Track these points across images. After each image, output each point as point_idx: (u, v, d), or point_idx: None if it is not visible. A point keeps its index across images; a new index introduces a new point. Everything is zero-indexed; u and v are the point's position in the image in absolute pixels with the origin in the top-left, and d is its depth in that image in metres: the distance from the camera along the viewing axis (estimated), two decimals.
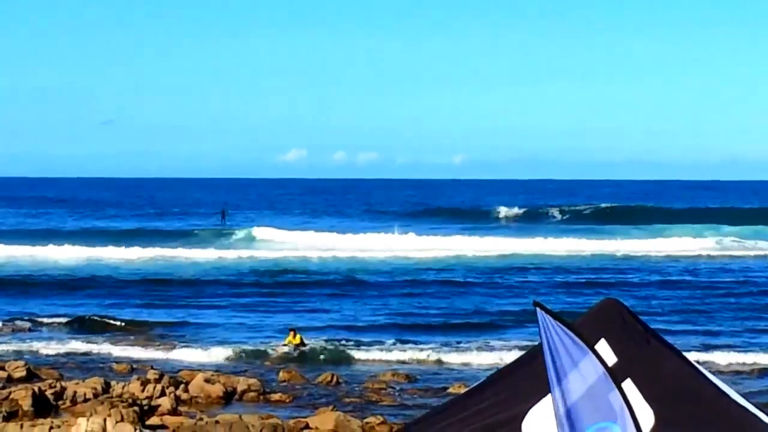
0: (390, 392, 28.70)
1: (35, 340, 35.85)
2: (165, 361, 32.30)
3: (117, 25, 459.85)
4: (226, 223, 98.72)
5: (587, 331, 7.28)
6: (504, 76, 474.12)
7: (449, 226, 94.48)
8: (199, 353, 33.75)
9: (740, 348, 34.91)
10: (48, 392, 25.80)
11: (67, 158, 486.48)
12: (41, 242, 70.86)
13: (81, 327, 38.94)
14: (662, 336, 7.89)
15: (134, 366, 31.45)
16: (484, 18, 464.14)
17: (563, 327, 7.13)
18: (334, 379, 29.92)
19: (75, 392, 25.96)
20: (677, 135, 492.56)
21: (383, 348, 34.70)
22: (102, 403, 24.03)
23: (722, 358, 32.73)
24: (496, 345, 34.99)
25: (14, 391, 25.37)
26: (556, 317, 7.16)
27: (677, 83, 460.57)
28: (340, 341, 35.69)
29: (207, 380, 27.78)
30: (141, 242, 72.74)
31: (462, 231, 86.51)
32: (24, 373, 28.88)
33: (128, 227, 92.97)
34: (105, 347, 34.69)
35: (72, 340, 35.98)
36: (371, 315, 42.06)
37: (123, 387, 26.25)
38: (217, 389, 27.44)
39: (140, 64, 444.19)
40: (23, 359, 30.87)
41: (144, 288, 49.98)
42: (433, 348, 34.66)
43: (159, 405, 25.14)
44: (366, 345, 35.20)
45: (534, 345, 7.99)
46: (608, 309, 7.75)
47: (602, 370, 7.07)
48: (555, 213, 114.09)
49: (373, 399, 27.77)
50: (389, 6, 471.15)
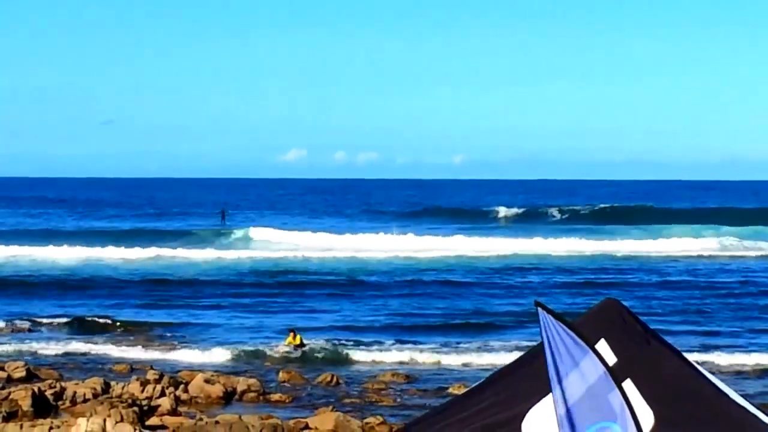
0: (390, 392, 28.68)
1: (35, 341, 35.82)
2: (165, 362, 32.26)
3: (117, 25, 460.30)
4: (226, 224, 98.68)
5: (587, 332, 7.28)
6: (504, 76, 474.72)
7: (449, 226, 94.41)
8: (199, 353, 33.73)
9: (740, 348, 34.88)
10: (48, 392, 25.78)
11: (67, 158, 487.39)
12: (41, 242, 70.86)
13: (81, 327, 38.94)
14: (662, 336, 7.88)
15: (134, 366, 31.43)
16: (484, 18, 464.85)
17: (564, 327, 7.13)
18: (334, 380, 29.90)
19: (75, 392, 25.94)
20: (677, 135, 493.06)
21: (383, 348, 34.67)
22: (102, 404, 24.01)
23: (722, 359, 32.70)
24: (496, 345, 34.98)
25: (14, 392, 25.35)
26: (558, 317, 7.16)
27: (677, 83, 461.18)
28: (340, 342, 35.66)
29: (207, 380, 27.77)
30: (141, 242, 72.69)
31: (462, 231, 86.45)
32: (24, 374, 28.86)
33: (128, 227, 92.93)
34: (105, 347, 34.66)
35: (72, 341, 35.95)
36: (371, 315, 42.04)
37: (123, 387, 26.24)
38: (217, 389, 27.43)
39: (140, 64, 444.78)
40: (23, 359, 30.85)
41: (144, 288, 49.96)
42: (433, 348, 34.65)
43: (159, 405, 25.13)
44: (366, 345, 35.18)
45: (534, 345, 7.98)
46: (608, 309, 7.75)
47: (603, 370, 7.07)
48: (555, 213, 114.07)
49: (373, 399, 27.75)
50: (389, 6, 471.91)
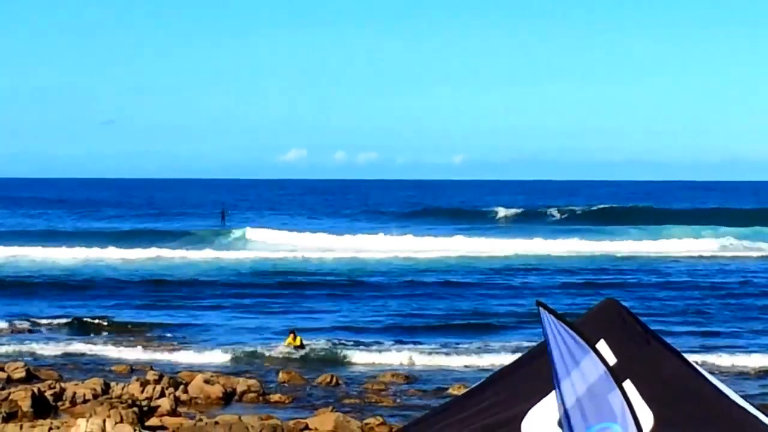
0: (389, 393, 28.67)
1: (35, 341, 35.81)
2: (164, 362, 32.26)
3: (117, 25, 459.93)
4: (226, 224, 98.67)
5: (587, 332, 7.28)
6: (504, 76, 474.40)
7: (449, 227, 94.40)
8: (199, 354, 33.72)
9: (740, 349, 34.86)
10: (47, 393, 25.77)
11: (67, 158, 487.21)
12: (41, 243, 70.85)
13: (80, 328, 38.93)
14: (662, 337, 7.88)
15: (134, 367, 31.43)
16: (484, 18, 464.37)
17: (565, 326, 7.13)
18: (334, 380, 29.89)
19: (74, 393, 25.94)
20: (677, 135, 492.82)
21: (383, 349, 34.65)
22: (101, 404, 24.01)
23: (722, 359, 32.66)
24: (496, 346, 34.96)
25: (14, 392, 25.34)
26: (559, 317, 7.16)
27: (677, 83, 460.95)
28: (340, 342, 35.65)
29: (206, 381, 27.76)
30: (140, 243, 72.71)
31: (461, 231, 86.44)
32: (23, 374, 28.84)
33: (128, 228, 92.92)
34: (104, 348, 34.65)
35: (71, 341, 35.95)
36: (371, 316, 42.04)
37: (122, 388, 26.23)
38: (217, 390, 27.42)
39: (140, 64, 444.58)
40: (23, 360, 30.84)
41: (143, 289, 49.94)
42: (433, 349, 34.64)
43: (158, 406, 25.12)
44: (365, 346, 35.16)
45: (534, 345, 7.98)
46: (608, 310, 7.74)
47: (603, 370, 7.07)
48: (554, 213, 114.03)
49: (373, 400, 27.75)
50: (389, 6, 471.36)
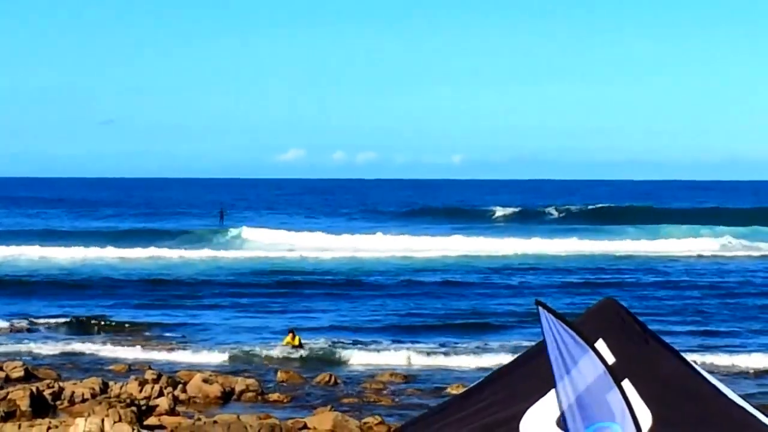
0: (388, 393, 28.67)
1: (33, 341, 35.83)
2: (163, 362, 32.25)
3: (117, 25, 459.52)
4: (225, 224, 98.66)
5: (585, 331, 7.28)
6: (504, 76, 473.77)
7: (447, 226, 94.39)
8: (197, 353, 33.72)
9: (739, 348, 34.87)
10: (46, 392, 25.76)
11: (67, 158, 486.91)
12: (39, 242, 70.80)
13: (79, 327, 38.93)
14: (660, 336, 7.88)
15: (132, 366, 31.43)
16: (484, 18, 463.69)
17: (564, 326, 7.13)
18: (332, 380, 29.89)
19: (73, 392, 25.93)
20: (677, 135, 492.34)
21: (381, 348, 34.64)
22: (100, 404, 23.99)
23: (721, 359, 32.66)
24: (494, 345, 34.96)
25: (12, 392, 25.33)
26: (558, 316, 7.15)
27: (677, 83, 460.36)
28: (338, 342, 35.65)
29: (205, 380, 27.75)
30: (139, 243, 72.70)
31: (460, 231, 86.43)
32: (22, 374, 28.83)
33: (126, 227, 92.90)
34: (103, 347, 34.64)
35: (70, 341, 35.95)
36: (369, 315, 42.03)
37: (121, 387, 26.21)
38: (215, 389, 27.41)
39: (140, 64, 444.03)
40: (21, 359, 30.84)
41: (142, 288, 49.94)
42: (431, 348, 34.63)
43: (157, 405, 25.10)
44: (364, 345, 35.16)
45: (532, 345, 7.97)
46: (606, 309, 7.74)
47: (602, 369, 7.06)
48: (553, 213, 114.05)
49: (371, 399, 27.75)
50: (389, 6, 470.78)
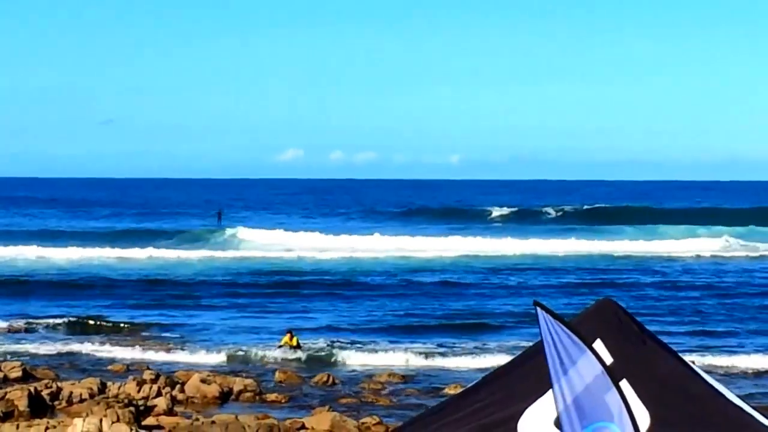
0: (386, 393, 28.68)
1: (31, 341, 35.83)
2: (161, 362, 32.25)
3: (117, 25, 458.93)
4: (223, 224, 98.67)
5: (583, 332, 7.29)
6: (504, 76, 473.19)
7: (445, 227, 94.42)
8: (195, 354, 33.71)
9: (736, 349, 34.88)
10: (44, 392, 25.75)
11: (66, 158, 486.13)
12: (37, 243, 70.78)
13: (77, 327, 38.91)
14: (658, 336, 7.89)
15: (130, 366, 31.42)
16: (484, 18, 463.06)
17: (562, 326, 7.13)
18: (330, 380, 29.89)
19: (71, 392, 25.92)
20: (677, 135, 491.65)
21: (379, 348, 34.63)
22: (98, 404, 23.99)
23: (718, 359, 32.67)
24: (492, 346, 34.96)
25: (10, 392, 25.31)
26: (556, 316, 7.16)
27: (677, 83, 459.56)
28: (336, 342, 35.66)
29: (203, 380, 27.74)
30: (136, 243, 72.70)
31: (458, 231, 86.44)
32: (20, 374, 28.82)
33: (124, 227, 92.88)
34: (101, 348, 34.63)
35: (68, 341, 35.95)
36: (367, 316, 42.03)
37: (119, 387, 26.21)
38: (213, 389, 27.41)
39: (140, 64, 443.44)
40: (19, 359, 30.83)
41: (140, 288, 49.92)
42: (429, 348, 34.64)
43: (155, 405, 25.10)
44: (362, 346, 35.16)
45: (530, 345, 7.98)
46: (604, 309, 7.75)
47: (600, 369, 7.07)
48: (551, 213, 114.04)
49: (369, 399, 27.75)
50: (389, 6, 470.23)
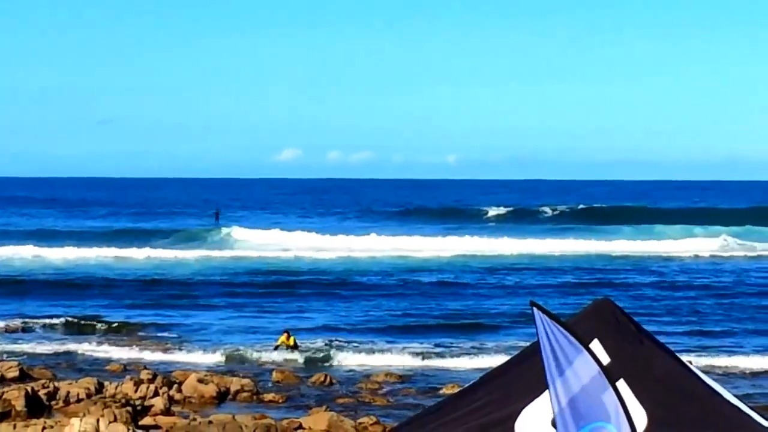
0: (383, 393, 28.68)
1: (28, 341, 35.81)
2: (158, 362, 32.25)
3: (116, 25, 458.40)
4: (220, 224, 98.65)
5: (581, 332, 7.28)
6: (503, 76, 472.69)
7: (442, 227, 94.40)
8: (192, 353, 33.70)
9: (734, 348, 34.89)
10: (41, 392, 25.73)
11: (67, 158, 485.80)
12: (34, 242, 70.75)
13: (74, 327, 38.89)
14: (655, 336, 7.88)
15: (127, 366, 31.41)
16: (484, 18, 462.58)
17: (559, 326, 7.13)
18: (328, 380, 29.89)
19: (68, 392, 25.90)
20: (677, 135, 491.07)
21: (376, 348, 34.64)
22: (95, 404, 23.98)
23: (715, 359, 32.67)
24: (489, 346, 34.97)
25: (7, 392, 25.30)
26: (553, 317, 7.15)
27: (677, 83, 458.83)
28: (333, 342, 35.66)
29: (200, 380, 27.74)
30: (133, 242, 72.71)
31: (455, 231, 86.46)
32: (17, 373, 28.80)
33: (121, 227, 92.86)
34: (98, 347, 34.63)
35: (65, 341, 35.94)
36: (364, 315, 42.03)
37: (116, 387, 26.20)
38: (211, 389, 27.40)
39: (139, 64, 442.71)
40: (16, 359, 30.81)
41: (137, 288, 49.90)
42: (426, 348, 34.64)
43: (152, 405, 25.09)
44: (359, 345, 35.16)
45: (527, 345, 7.97)
46: (601, 309, 7.75)
47: (597, 369, 7.06)
48: (549, 213, 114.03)
49: (367, 399, 27.75)
50: (389, 6, 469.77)
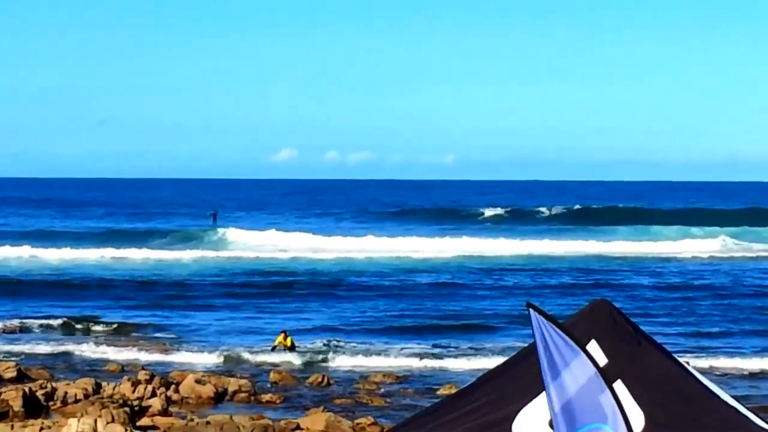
0: (380, 393, 28.69)
1: (26, 341, 35.81)
2: (156, 362, 32.25)
3: (116, 25, 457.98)
4: (217, 225, 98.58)
5: (578, 332, 7.29)
6: (503, 76, 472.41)
7: (440, 227, 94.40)
8: (190, 354, 33.72)
9: (731, 349, 34.90)
10: (39, 393, 25.73)
11: (65, 158, 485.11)
12: (32, 243, 70.74)
13: (72, 328, 38.89)
14: (653, 337, 7.89)
15: (125, 367, 31.41)
16: (484, 18, 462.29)
17: (555, 328, 7.13)
18: (325, 380, 29.90)
19: (66, 393, 25.90)
20: (677, 135, 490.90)
21: (373, 349, 34.66)
22: (93, 404, 23.99)
23: (713, 360, 32.68)
24: (487, 346, 34.98)
25: (5, 392, 25.30)
26: (549, 318, 7.16)
27: (677, 83, 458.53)
28: (331, 342, 35.68)
29: (198, 381, 27.74)
30: (131, 243, 72.69)
31: (452, 232, 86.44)
32: (14, 374, 28.80)
33: (118, 228, 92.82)
34: (95, 348, 34.62)
35: (63, 341, 35.95)
36: (361, 316, 42.04)
37: (114, 388, 26.20)
38: (208, 390, 27.40)
39: (138, 64, 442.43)
40: (14, 360, 30.81)
41: (134, 289, 49.91)
42: (424, 349, 34.66)
43: (150, 406, 25.10)
44: (356, 346, 35.18)
45: (524, 346, 7.98)
46: (599, 310, 7.75)
47: (593, 371, 7.07)
48: (546, 213, 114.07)
49: (364, 400, 27.76)
50: (389, 6, 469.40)
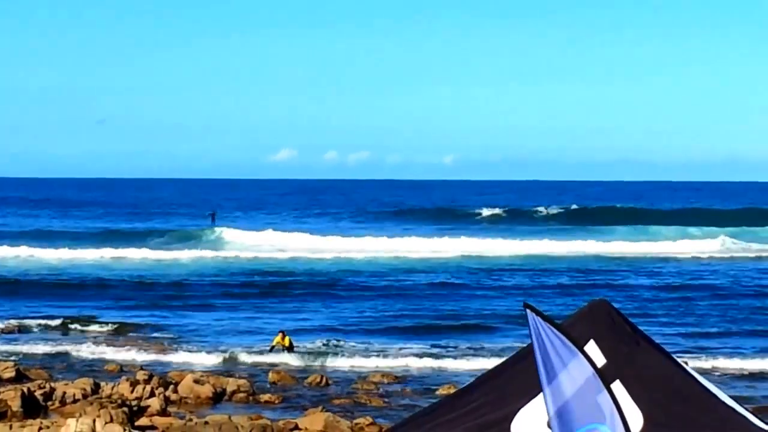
0: (379, 393, 28.69)
1: (24, 341, 35.80)
2: (154, 362, 32.25)
3: (116, 25, 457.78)
4: (216, 225, 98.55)
5: (576, 333, 7.29)
6: (503, 76, 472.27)
7: (438, 227, 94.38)
8: (189, 354, 33.72)
9: (730, 350, 34.90)
10: (37, 393, 25.74)
11: (64, 158, 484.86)
12: (30, 243, 70.73)
13: (70, 328, 38.89)
14: (651, 337, 7.90)
15: (123, 367, 31.40)
16: (484, 18, 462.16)
17: (553, 328, 7.13)
18: (324, 380, 29.91)
19: (64, 393, 25.91)
20: (677, 135, 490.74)
21: (372, 349, 34.67)
22: (91, 404, 23.99)
23: (712, 361, 32.68)
24: (485, 346, 34.99)
25: (3, 392, 25.31)
26: (546, 319, 7.16)
27: (677, 83, 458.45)
28: (329, 342, 35.68)
29: (196, 381, 27.74)
30: (129, 243, 72.69)
31: (451, 232, 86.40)
32: (13, 374, 28.80)
33: (117, 228, 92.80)
34: (94, 348, 34.62)
35: (61, 341, 35.94)
36: (360, 316, 42.03)
37: (112, 388, 26.21)
38: (207, 390, 27.40)
39: (138, 64, 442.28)
40: (12, 360, 30.81)
41: (133, 289, 49.90)
42: (422, 349, 34.66)
43: (148, 406, 25.10)
44: (355, 346, 35.18)
45: (523, 347, 7.99)
46: (598, 310, 7.76)
47: (591, 372, 7.07)
48: (545, 213, 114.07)
49: (362, 400, 27.76)
50: (389, 6, 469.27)
